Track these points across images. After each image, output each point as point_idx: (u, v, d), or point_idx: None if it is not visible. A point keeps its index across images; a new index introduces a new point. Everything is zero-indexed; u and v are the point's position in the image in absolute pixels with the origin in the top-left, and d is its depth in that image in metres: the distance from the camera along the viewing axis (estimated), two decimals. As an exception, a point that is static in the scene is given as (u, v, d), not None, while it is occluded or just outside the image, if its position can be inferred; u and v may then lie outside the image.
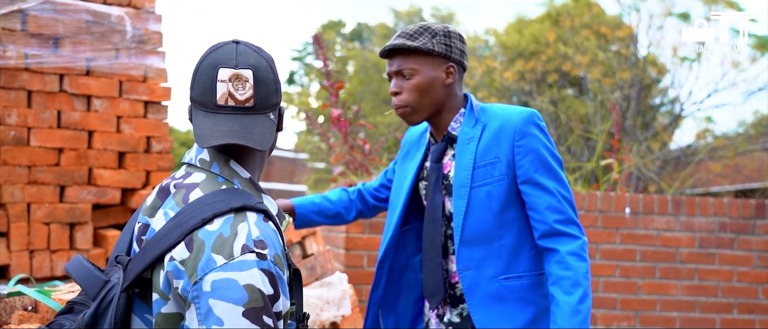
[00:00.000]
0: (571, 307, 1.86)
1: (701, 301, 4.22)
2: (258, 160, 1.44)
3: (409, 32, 1.99)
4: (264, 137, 1.35)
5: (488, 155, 1.98)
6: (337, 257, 4.12)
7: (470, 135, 2.01)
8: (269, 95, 1.37)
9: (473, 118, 2.04)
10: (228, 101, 1.34)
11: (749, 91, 12.54)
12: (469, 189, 1.98)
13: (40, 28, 3.33)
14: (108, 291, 1.32)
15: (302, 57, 28.74)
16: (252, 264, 1.23)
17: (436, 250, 2.06)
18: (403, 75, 2.00)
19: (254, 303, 1.21)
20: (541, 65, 13.22)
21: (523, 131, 1.96)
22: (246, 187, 1.39)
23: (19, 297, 2.24)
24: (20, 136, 3.30)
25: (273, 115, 1.39)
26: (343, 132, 5.13)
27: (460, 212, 1.99)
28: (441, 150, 2.08)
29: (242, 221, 1.28)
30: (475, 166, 1.98)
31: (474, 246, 2.00)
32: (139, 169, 3.61)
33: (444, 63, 2.01)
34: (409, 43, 1.97)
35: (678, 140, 13.57)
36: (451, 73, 2.02)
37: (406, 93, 2.00)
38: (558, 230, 1.93)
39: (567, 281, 1.88)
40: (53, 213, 3.36)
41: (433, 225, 2.07)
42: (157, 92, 3.69)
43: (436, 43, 1.98)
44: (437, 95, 2.01)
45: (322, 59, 5.28)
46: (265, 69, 1.37)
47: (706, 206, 4.25)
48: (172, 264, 1.26)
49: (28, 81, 3.31)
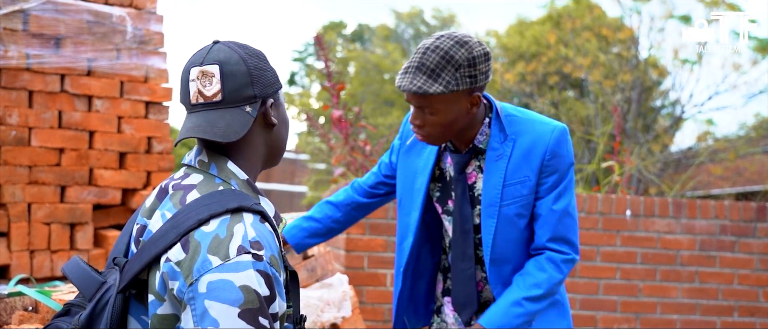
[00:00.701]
0: (514, 300, 1.90)
1: (702, 304, 4.21)
2: (251, 154, 1.43)
3: (430, 67, 1.79)
4: (231, 128, 1.34)
5: (518, 174, 1.94)
6: (337, 258, 4.12)
7: (499, 152, 1.94)
8: (240, 88, 1.36)
9: (501, 131, 1.96)
10: (198, 99, 1.36)
11: (750, 93, 12.55)
12: (499, 208, 1.94)
13: (41, 29, 3.33)
14: (104, 293, 1.32)
15: (303, 58, 28.75)
16: (248, 265, 1.22)
17: (468, 262, 2.02)
18: (424, 110, 1.87)
19: (250, 304, 1.20)
20: (542, 67, 13.23)
21: (554, 151, 1.93)
22: (243, 188, 1.38)
23: (19, 298, 2.23)
24: (21, 136, 3.30)
25: (250, 107, 1.37)
26: (344, 133, 5.13)
27: (490, 231, 1.96)
28: (465, 161, 2.00)
29: (238, 223, 1.28)
30: (505, 184, 1.94)
31: (504, 264, 1.99)
32: (139, 169, 3.61)
33: (469, 95, 1.86)
34: (430, 88, 1.79)
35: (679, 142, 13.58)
36: (477, 102, 1.89)
37: (430, 127, 1.89)
38: (545, 246, 1.95)
39: (531, 278, 1.92)
40: (54, 213, 3.36)
41: (464, 237, 2.02)
42: (158, 92, 3.69)
43: (459, 77, 1.80)
44: (462, 123, 1.91)
45: (323, 60, 5.28)
46: (235, 62, 1.36)
47: (706, 208, 4.25)
48: (168, 265, 1.25)
49: (30, 81, 3.31)
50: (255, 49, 1.42)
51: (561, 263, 1.94)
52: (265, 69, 1.40)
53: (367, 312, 3.94)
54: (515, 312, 1.89)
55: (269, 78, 1.41)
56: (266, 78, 1.40)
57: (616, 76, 12.18)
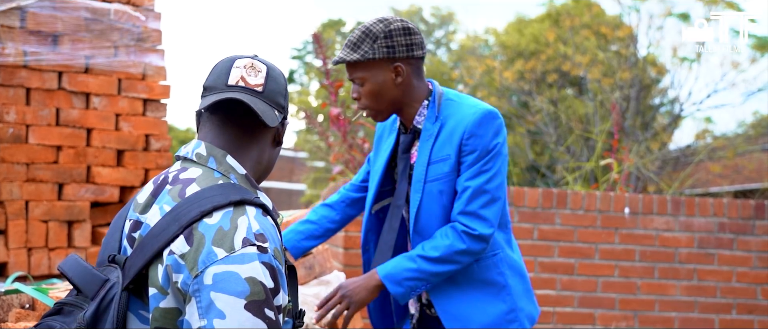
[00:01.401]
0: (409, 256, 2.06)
1: (700, 301, 4.21)
2: (254, 158, 1.44)
3: (352, 42, 2.05)
4: (268, 114, 1.38)
5: (441, 153, 2.09)
6: (335, 256, 4.12)
7: (430, 132, 2.11)
8: (277, 94, 1.43)
9: (434, 114, 2.12)
10: (239, 82, 1.40)
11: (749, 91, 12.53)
12: (423, 184, 2.10)
13: (38, 26, 3.32)
14: (108, 290, 1.31)
15: (302, 56, 28.73)
16: (253, 257, 1.23)
17: (392, 233, 2.16)
18: (356, 83, 2.09)
19: (256, 295, 1.21)
20: (541, 65, 13.22)
21: (472, 132, 2.06)
22: (242, 183, 1.39)
23: (16, 295, 2.23)
24: (19, 133, 3.29)
25: (278, 113, 1.42)
26: (342, 131, 5.13)
27: (415, 204, 2.11)
28: (409, 141, 2.17)
29: (242, 215, 1.29)
30: (430, 162, 2.10)
31: (425, 236, 2.12)
32: (137, 167, 3.61)
33: (389, 64, 2.06)
34: (350, 57, 2.03)
35: (677, 140, 13.57)
36: (400, 72, 2.07)
37: (364, 98, 2.09)
38: (455, 219, 2.08)
39: (433, 241, 2.06)
40: (51, 211, 3.35)
41: (395, 211, 2.17)
42: (156, 89, 3.69)
43: (377, 48, 2.03)
44: (392, 94, 2.09)
45: (321, 58, 5.28)
46: (279, 74, 1.45)
47: (705, 206, 4.25)
48: (172, 257, 1.25)
49: (27, 78, 3.30)
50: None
51: (464, 235, 2.05)
52: (287, 94, 1.49)
53: (364, 310, 3.94)
54: (407, 266, 2.05)
55: (286, 102, 1.48)
56: (287, 100, 1.48)
57: (614, 74, 12.17)
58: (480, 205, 2.05)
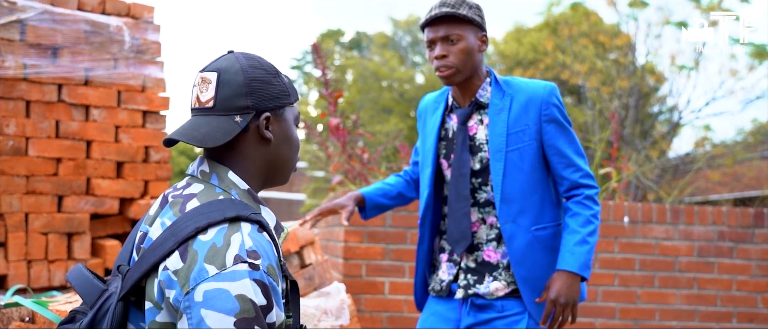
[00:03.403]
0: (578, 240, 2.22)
1: (700, 310, 4.21)
2: (244, 167, 1.43)
3: (451, 3, 2.22)
4: (211, 135, 1.35)
5: (519, 123, 2.27)
6: (335, 266, 4.12)
7: (500, 106, 2.29)
8: (234, 97, 1.37)
9: (500, 90, 2.30)
10: (195, 104, 1.40)
11: (747, 99, 12.57)
12: (505, 153, 2.26)
13: (38, 38, 3.33)
14: (105, 300, 1.33)
15: (301, 66, 28.77)
16: (244, 274, 1.23)
17: (463, 201, 2.31)
18: (450, 40, 2.23)
19: (246, 313, 1.20)
20: (540, 74, 13.25)
21: (549, 102, 2.28)
22: (244, 198, 1.39)
23: (16, 308, 2.23)
24: (18, 146, 3.29)
25: (241, 117, 1.38)
26: (341, 141, 5.13)
27: (499, 173, 2.26)
28: (467, 114, 2.33)
29: (236, 232, 1.28)
30: (508, 132, 2.26)
31: (511, 203, 2.27)
32: (137, 178, 3.61)
33: (479, 32, 2.27)
34: (457, 11, 2.21)
35: (676, 148, 13.59)
36: (484, 42, 2.29)
37: (453, 56, 2.23)
38: (579, 183, 2.29)
39: (581, 217, 2.26)
40: (51, 223, 3.35)
41: (460, 180, 2.31)
42: (156, 101, 3.69)
43: (473, 13, 2.24)
44: (475, 60, 2.26)
45: (320, 68, 5.28)
46: (234, 72, 1.38)
47: (704, 215, 4.25)
48: (165, 273, 1.26)
49: (27, 91, 3.31)
50: (266, 64, 1.44)
51: (595, 196, 2.29)
52: (270, 83, 1.41)
53: (365, 321, 3.93)
54: (583, 249, 2.23)
55: (273, 92, 1.41)
56: (268, 92, 1.40)
57: (613, 82, 12.20)
58: (585, 165, 2.30)
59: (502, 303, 2.30)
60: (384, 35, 24.33)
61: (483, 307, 2.32)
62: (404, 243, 4.01)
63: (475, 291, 2.31)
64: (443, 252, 2.44)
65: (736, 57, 11.93)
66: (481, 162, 2.31)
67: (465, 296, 2.32)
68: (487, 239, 2.34)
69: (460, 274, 2.35)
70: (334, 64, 23.07)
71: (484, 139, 2.31)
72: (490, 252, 2.34)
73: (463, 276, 2.34)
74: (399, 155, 6.25)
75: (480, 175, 2.32)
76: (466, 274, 2.35)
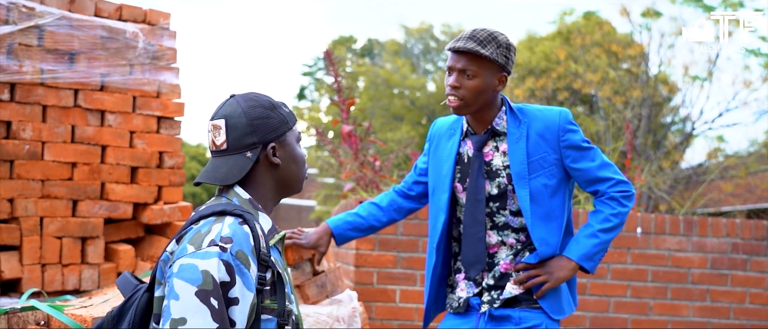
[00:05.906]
0: (589, 233, 2.33)
1: (713, 323, 4.18)
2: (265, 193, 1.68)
3: (480, 38, 2.25)
4: (230, 173, 1.63)
5: (538, 151, 2.33)
6: (347, 274, 4.12)
7: (517, 134, 2.35)
8: (242, 137, 1.63)
9: (515, 118, 2.36)
10: (212, 147, 1.67)
11: (761, 110, 12.49)
12: (528, 180, 2.32)
13: (56, 44, 3.36)
14: (136, 292, 1.60)
15: (313, 72, 28.83)
16: (213, 255, 1.47)
17: (478, 226, 2.36)
18: (466, 74, 2.26)
19: (206, 285, 1.44)
20: (552, 83, 13.23)
21: (564, 129, 2.35)
22: (244, 205, 1.63)
23: (31, 312, 2.24)
24: (34, 150, 3.32)
25: (251, 153, 1.63)
26: (353, 148, 5.14)
27: (526, 199, 2.32)
28: (483, 141, 2.38)
29: (219, 223, 1.53)
30: (529, 160, 2.33)
31: (540, 226, 2.34)
32: (151, 184, 3.63)
33: (499, 72, 2.30)
34: (480, 50, 2.23)
35: (689, 159, 13.50)
36: (503, 82, 2.32)
37: (465, 90, 2.27)
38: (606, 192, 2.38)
39: (601, 214, 2.36)
40: (65, 227, 3.37)
41: (476, 205, 2.36)
42: (170, 107, 3.72)
43: (499, 54, 2.26)
44: (487, 97, 2.30)
45: (332, 75, 5.29)
46: (238, 116, 1.63)
47: (718, 226, 4.23)
48: (165, 254, 1.55)
49: (44, 96, 3.34)
50: (263, 100, 1.68)
51: (622, 198, 2.36)
52: (269, 117, 1.66)
53: (371, 312, 3.93)
54: (592, 242, 2.33)
55: (273, 124, 1.66)
56: (269, 125, 1.65)
57: (625, 92, 12.16)
58: (615, 170, 2.38)
59: (520, 316, 2.35)
60: (396, 43, 24.35)
61: (500, 319, 2.36)
62: (416, 251, 4.01)
63: (500, 302, 2.38)
64: (459, 272, 2.48)
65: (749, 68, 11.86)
66: (498, 187, 2.37)
67: (489, 309, 2.38)
68: (505, 258, 2.41)
69: (484, 293, 2.41)
70: (346, 71, 23.11)
71: (501, 165, 2.37)
72: (506, 264, 2.41)
73: (487, 294, 2.40)
74: (410, 162, 6.25)
75: (498, 200, 2.37)
76: (489, 291, 2.40)
